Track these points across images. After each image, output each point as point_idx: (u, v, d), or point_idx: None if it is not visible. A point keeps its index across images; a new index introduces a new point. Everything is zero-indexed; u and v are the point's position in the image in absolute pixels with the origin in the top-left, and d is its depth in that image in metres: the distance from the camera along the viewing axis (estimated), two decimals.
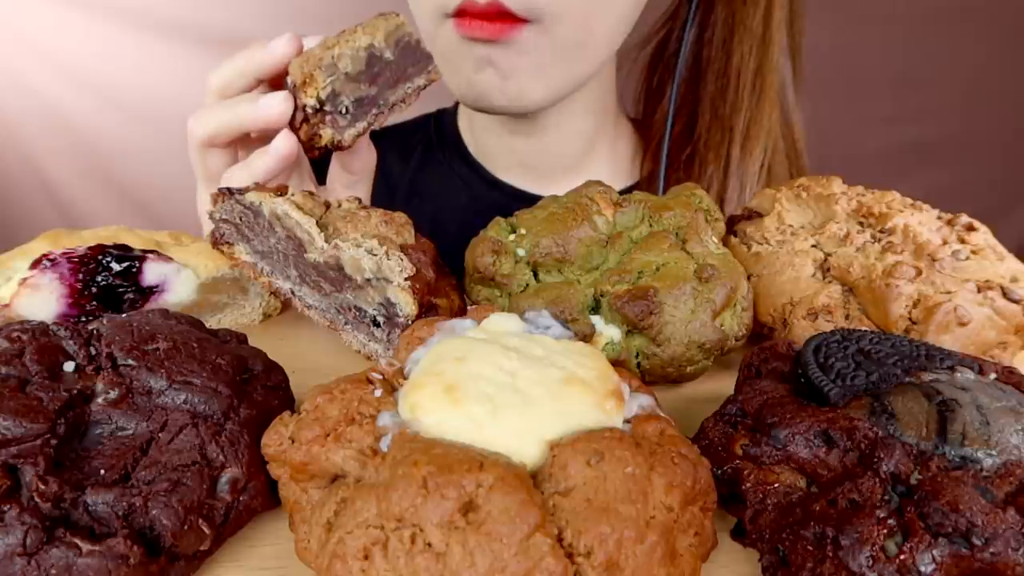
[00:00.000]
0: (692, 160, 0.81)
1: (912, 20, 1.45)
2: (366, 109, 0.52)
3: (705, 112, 0.81)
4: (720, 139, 0.80)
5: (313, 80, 0.50)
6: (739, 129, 0.79)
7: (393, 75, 0.53)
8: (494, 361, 0.31)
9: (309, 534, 0.28)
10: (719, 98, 0.80)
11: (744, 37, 0.77)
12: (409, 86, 0.54)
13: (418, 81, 0.54)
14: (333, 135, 0.52)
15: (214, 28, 1.43)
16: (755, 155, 0.79)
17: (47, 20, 1.45)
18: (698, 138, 0.81)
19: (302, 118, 0.51)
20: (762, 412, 0.33)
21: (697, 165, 0.81)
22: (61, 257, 0.45)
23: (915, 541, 0.26)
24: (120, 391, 0.31)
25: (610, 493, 0.26)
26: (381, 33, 0.51)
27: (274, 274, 0.48)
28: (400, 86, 0.54)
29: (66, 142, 1.54)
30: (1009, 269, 0.44)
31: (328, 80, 0.50)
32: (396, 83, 0.53)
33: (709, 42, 0.79)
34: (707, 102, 0.80)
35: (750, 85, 0.78)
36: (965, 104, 1.55)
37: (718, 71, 0.79)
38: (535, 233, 0.46)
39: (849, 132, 1.49)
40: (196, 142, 0.55)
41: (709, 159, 0.80)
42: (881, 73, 1.51)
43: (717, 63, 0.79)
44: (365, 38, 0.51)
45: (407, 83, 0.54)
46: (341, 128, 0.52)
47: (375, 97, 0.53)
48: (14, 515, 0.26)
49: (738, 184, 0.79)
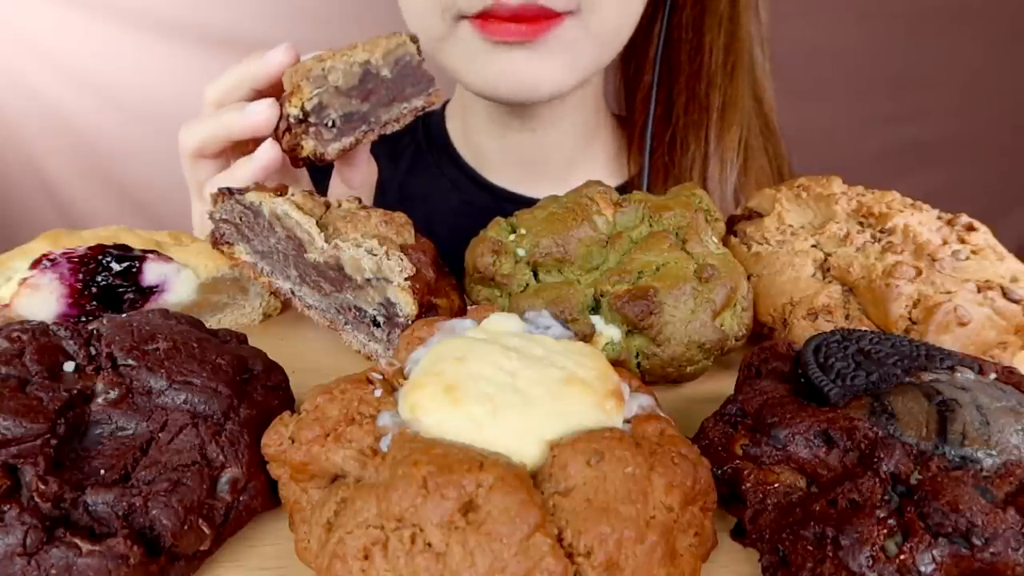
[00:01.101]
0: (674, 143, 0.82)
1: (911, 20, 1.45)
2: (355, 125, 0.52)
3: (681, 93, 0.82)
4: (698, 119, 0.81)
5: (299, 90, 0.49)
6: (715, 106, 0.80)
7: (389, 94, 0.52)
8: (494, 361, 0.31)
9: (309, 534, 0.28)
10: (694, 77, 0.81)
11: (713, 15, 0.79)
12: (405, 106, 0.53)
13: (416, 102, 0.53)
14: (315, 147, 0.50)
15: (214, 28, 1.43)
16: (732, 132, 0.80)
17: (47, 20, 1.45)
18: (676, 120, 0.82)
19: (285, 127, 0.50)
20: (762, 412, 0.33)
21: (679, 147, 0.82)
22: (61, 257, 0.45)
23: (915, 541, 0.26)
24: (120, 391, 0.31)
25: (610, 493, 0.26)
26: (380, 51, 0.50)
27: (274, 274, 0.48)
28: (395, 105, 0.53)
29: (66, 142, 1.54)
30: (1009, 269, 0.44)
31: (315, 92, 0.49)
32: (391, 102, 0.52)
33: (679, 24, 0.81)
34: (682, 83, 0.81)
35: (722, 61, 0.79)
36: (965, 104, 1.55)
37: (690, 51, 0.81)
38: (535, 233, 0.46)
39: (849, 132, 1.49)
40: (187, 153, 0.55)
41: (690, 139, 0.81)
42: (881, 73, 1.51)
43: (688, 43, 0.81)
44: (363, 54, 0.50)
45: (403, 103, 0.53)
46: (325, 141, 0.51)
47: (366, 114, 0.52)
48: (14, 515, 0.26)
49: (718, 161, 0.80)
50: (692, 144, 0.81)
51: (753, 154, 0.82)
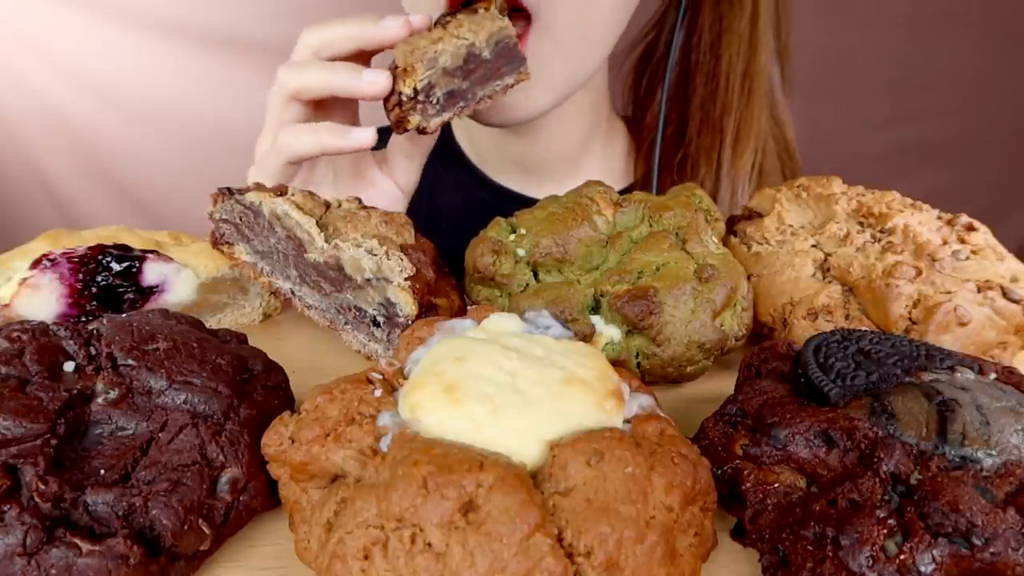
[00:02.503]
0: (684, 163, 0.81)
1: (912, 22, 1.46)
2: (455, 101, 0.55)
3: (695, 115, 0.81)
4: (711, 143, 0.80)
5: (414, 71, 0.52)
6: (729, 131, 0.79)
7: (486, 72, 0.56)
8: (494, 361, 0.31)
9: (309, 534, 0.28)
10: (709, 101, 0.80)
11: (731, 40, 0.78)
12: (499, 83, 0.56)
13: (508, 80, 0.57)
14: (420, 121, 0.54)
15: (214, 28, 1.43)
16: (746, 157, 0.79)
17: (47, 20, 1.45)
18: (689, 142, 0.81)
19: (395, 102, 0.53)
20: (762, 412, 0.33)
21: (689, 168, 0.81)
22: (61, 257, 0.45)
23: (915, 541, 0.26)
24: (120, 391, 0.31)
25: (610, 493, 0.26)
26: (484, 33, 0.54)
27: (274, 274, 0.48)
28: (490, 83, 0.56)
29: (66, 142, 1.54)
30: (1009, 269, 0.44)
31: (427, 74, 0.52)
32: (487, 80, 0.56)
33: (696, 46, 0.80)
34: (696, 105, 0.81)
35: (739, 87, 0.78)
36: (965, 105, 1.55)
37: (707, 74, 0.80)
38: (535, 233, 0.46)
39: (849, 133, 1.49)
40: (285, 91, 0.56)
41: (701, 162, 0.80)
42: (881, 74, 1.51)
43: (705, 66, 0.80)
44: (469, 36, 0.53)
45: (497, 80, 0.56)
46: (429, 116, 0.54)
47: (465, 91, 0.55)
48: (14, 515, 0.26)
49: (730, 185, 0.80)
50: (703, 167, 0.80)
51: (768, 179, 0.81)
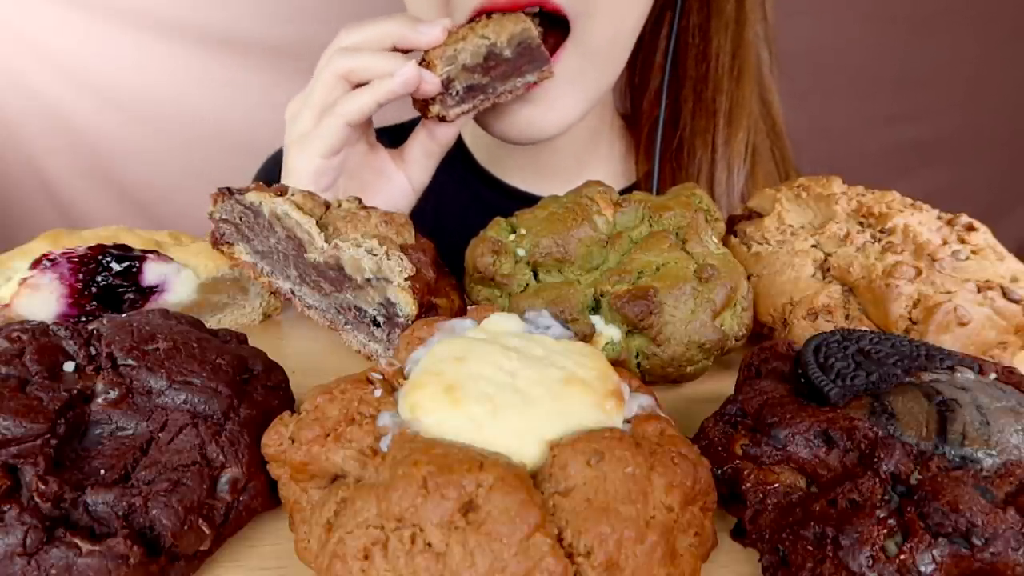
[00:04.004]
0: (681, 148, 0.82)
1: (912, 20, 1.46)
2: (475, 94, 0.59)
3: (688, 98, 0.82)
4: (705, 124, 0.81)
5: (433, 67, 0.57)
6: (722, 111, 0.80)
7: (507, 70, 0.60)
8: (494, 361, 0.31)
9: (309, 534, 0.28)
10: (701, 82, 0.81)
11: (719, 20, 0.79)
12: (520, 80, 0.60)
13: (529, 77, 0.61)
14: (440, 110, 0.59)
15: (214, 28, 1.43)
16: (740, 137, 0.80)
17: (47, 20, 1.45)
18: (684, 126, 0.82)
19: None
20: (762, 412, 0.33)
21: (686, 153, 0.82)
22: (61, 257, 0.45)
23: (915, 541, 0.26)
24: (120, 391, 0.31)
25: (610, 493, 0.26)
26: (506, 34, 0.58)
27: (274, 274, 0.48)
28: (511, 80, 0.60)
29: (66, 142, 1.54)
30: (1009, 269, 0.44)
31: (445, 69, 0.57)
32: (508, 77, 0.60)
33: (686, 29, 0.81)
34: (689, 88, 0.82)
35: (729, 66, 0.80)
36: (965, 104, 1.55)
37: (697, 56, 0.81)
38: (535, 233, 0.46)
39: (849, 132, 1.49)
40: (336, 71, 0.58)
41: (697, 145, 0.81)
42: (881, 73, 1.51)
43: (695, 48, 0.81)
44: (491, 36, 0.57)
45: (519, 78, 0.60)
46: (448, 107, 0.59)
47: (485, 86, 0.59)
48: (14, 515, 0.26)
49: (725, 166, 0.81)
50: (699, 149, 0.81)
51: (760, 158, 0.83)
